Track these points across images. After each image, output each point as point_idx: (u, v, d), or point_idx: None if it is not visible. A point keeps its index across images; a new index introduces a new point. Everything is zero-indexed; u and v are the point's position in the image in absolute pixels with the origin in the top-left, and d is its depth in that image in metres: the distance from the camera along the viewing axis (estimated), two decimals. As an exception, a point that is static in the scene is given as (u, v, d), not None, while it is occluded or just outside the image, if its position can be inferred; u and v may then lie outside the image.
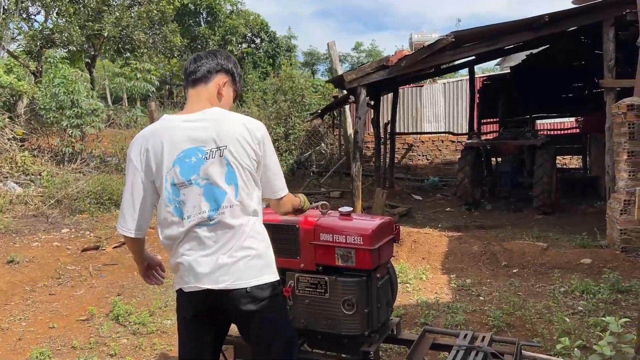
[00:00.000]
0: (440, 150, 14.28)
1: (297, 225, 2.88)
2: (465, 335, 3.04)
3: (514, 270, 5.94)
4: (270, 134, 9.44)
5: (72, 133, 12.18)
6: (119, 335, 4.35)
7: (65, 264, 6.35)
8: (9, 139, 12.07)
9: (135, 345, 4.17)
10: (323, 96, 13.59)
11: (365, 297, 2.83)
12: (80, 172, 11.75)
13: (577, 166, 14.27)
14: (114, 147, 12.41)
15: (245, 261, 2.17)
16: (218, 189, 2.19)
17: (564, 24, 7.82)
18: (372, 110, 10.45)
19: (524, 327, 4.32)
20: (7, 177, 10.97)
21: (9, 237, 7.46)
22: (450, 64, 10.41)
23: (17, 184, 10.75)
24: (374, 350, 2.82)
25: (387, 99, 14.04)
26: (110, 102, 22.51)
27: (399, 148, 13.85)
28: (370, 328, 2.87)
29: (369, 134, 13.14)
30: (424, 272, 5.89)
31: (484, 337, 3.03)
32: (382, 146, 11.39)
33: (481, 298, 5.11)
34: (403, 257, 6.58)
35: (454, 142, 13.37)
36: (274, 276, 2.27)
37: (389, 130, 11.60)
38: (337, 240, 2.79)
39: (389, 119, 11.71)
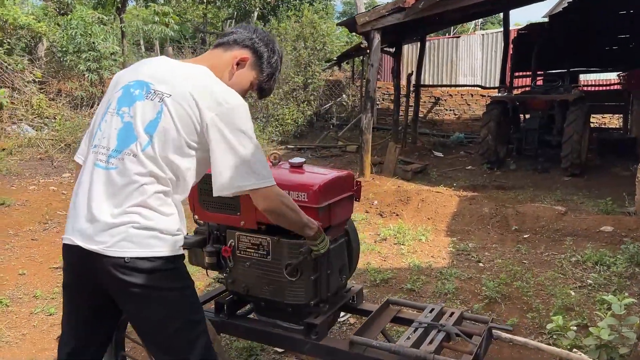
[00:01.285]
0: (469, 105, 13.49)
1: (237, 177, 2.48)
2: (432, 310, 2.64)
3: (525, 236, 5.44)
4: (288, 83, 8.98)
5: (89, 77, 12.00)
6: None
7: (55, 209, 6.19)
8: (27, 82, 11.98)
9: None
10: (349, 44, 12.91)
11: (312, 262, 2.44)
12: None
13: (617, 126, 13.29)
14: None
15: (127, 227, 1.74)
16: (133, 132, 1.81)
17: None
18: (391, 60, 9.78)
19: (520, 300, 3.89)
20: (21, 120, 10.93)
21: (8, 179, 7.37)
22: (479, 9, 9.54)
23: (30, 126, 10.69)
24: (319, 322, 2.45)
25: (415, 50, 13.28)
26: (143, 48, 22.25)
27: (425, 101, 13.16)
28: (318, 297, 2.49)
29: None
30: (424, 233, 5.46)
31: (452, 313, 2.61)
32: (404, 99, 10.77)
33: (480, 264, 4.67)
34: (407, 217, 6.15)
35: (484, 96, 12.56)
36: (167, 250, 1.79)
37: (413, 82, 10.93)
38: (280, 196, 2.38)
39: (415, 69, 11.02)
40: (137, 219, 1.75)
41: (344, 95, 12.41)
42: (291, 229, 2.15)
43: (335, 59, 10.16)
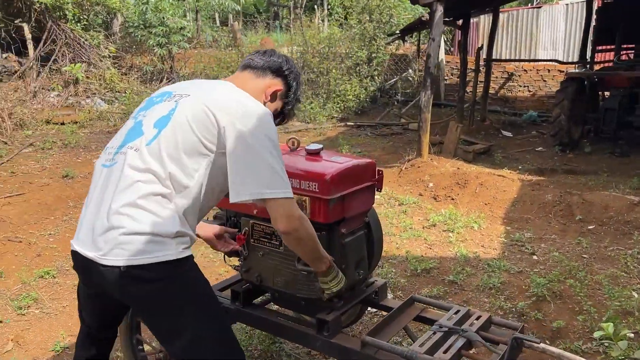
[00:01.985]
0: (545, 81, 12.60)
1: (249, 163, 2.37)
2: (457, 312, 2.43)
3: (590, 227, 5.00)
4: (352, 57, 8.72)
5: (158, 52, 12.32)
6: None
7: (114, 183, 6.39)
8: (102, 57, 12.48)
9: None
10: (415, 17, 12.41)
11: (325, 255, 2.30)
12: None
13: None
14: (195, 67, 12.40)
15: (117, 233, 1.65)
16: (141, 128, 1.77)
17: None
18: (459, 33, 9.25)
19: (572, 300, 3.56)
20: (94, 94, 11.42)
21: (75, 151, 7.71)
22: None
23: (102, 100, 11.15)
24: (331, 318, 2.32)
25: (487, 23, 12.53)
26: (217, 22, 22.60)
27: (497, 77, 12.45)
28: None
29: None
30: (477, 220, 5.16)
31: (479, 317, 2.40)
32: (473, 74, 10.21)
33: (534, 257, 4.34)
34: (463, 201, 5.84)
35: (562, 72, 11.68)
36: (165, 254, 1.67)
37: (483, 56, 10.32)
38: (292, 185, 2.25)
39: (487, 43, 10.39)
40: (126, 222, 1.65)
41: (409, 70, 11.98)
42: (303, 257, 1.99)
43: (398, 32, 9.76)
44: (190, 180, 1.72)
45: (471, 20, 11.08)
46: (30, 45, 11.95)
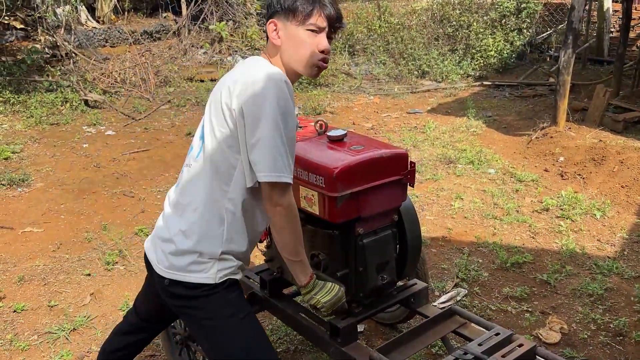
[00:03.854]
0: None
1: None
2: (497, 334, 2.05)
3: None
4: (497, 9, 7.91)
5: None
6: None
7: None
8: (247, 14, 12.90)
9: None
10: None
11: (339, 256, 2.08)
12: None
13: None
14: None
15: (169, 246, 1.72)
16: (195, 142, 1.75)
17: None
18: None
19: (694, 323, 2.86)
20: (236, 51, 11.90)
21: (200, 109, 8.12)
22: None
23: (242, 57, 11.57)
24: (343, 325, 2.10)
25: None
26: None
27: (678, 28, 10.37)
28: (349, 296, 2.13)
29: (636, 9, 10.08)
30: (602, 206, 4.39)
31: (521, 345, 1.99)
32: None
33: (662, 261, 3.57)
34: (594, 182, 5.02)
35: None
36: (206, 277, 1.67)
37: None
38: (301, 177, 2.04)
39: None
40: (178, 239, 1.68)
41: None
42: (281, 253, 1.73)
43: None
44: (231, 175, 1.64)
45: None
46: (183, 4, 12.76)
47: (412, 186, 2.15)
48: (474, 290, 3.29)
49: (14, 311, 3.18)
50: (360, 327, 2.93)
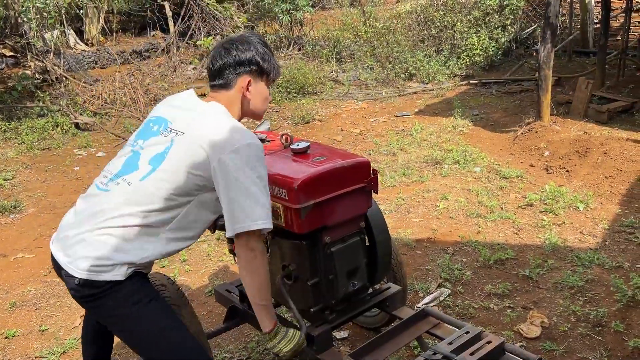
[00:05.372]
0: None
1: (234, 165, 2.24)
2: (467, 332, 2.10)
3: None
4: (479, 7, 7.99)
5: (282, 19, 12.46)
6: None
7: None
8: (234, 27, 13.02)
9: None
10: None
11: (308, 265, 2.13)
12: (291, 59, 12.09)
13: None
14: (319, 31, 12.33)
15: (84, 245, 1.77)
16: (138, 162, 1.84)
17: None
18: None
19: (672, 310, 2.90)
20: (225, 65, 11.98)
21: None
22: None
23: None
24: (317, 333, 2.15)
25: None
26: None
27: (661, 15, 10.42)
28: (322, 303, 2.19)
29: (617, -1, 10.14)
30: (585, 198, 4.43)
31: (489, 342, 2.04)
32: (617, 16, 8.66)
33: (644, 249, 3.62)
34: (579, 174, 5.06)
35: None
36: (115, 274, 1.75)
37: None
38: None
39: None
40: (99, 244, 1.75)
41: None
42: (249, 296, 1.86)
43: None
44: (178, 214, 1.79)
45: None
46: (170, 22, 12.88)
47: (376, 192, 2.20)
48: (457, 290, 3.33)
49: (6, 337, 3.23)
50: (345, 334, 2.98)
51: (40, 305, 3.59)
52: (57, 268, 1.86)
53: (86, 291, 1.76)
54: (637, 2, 8.53)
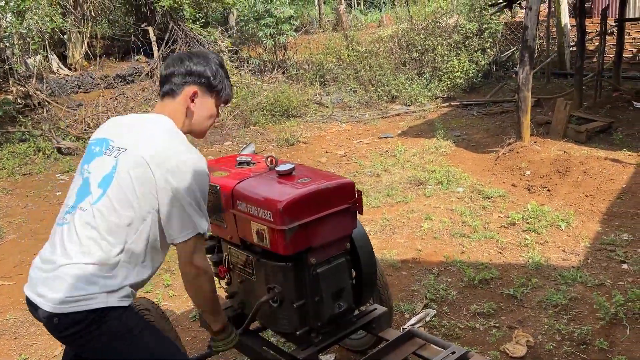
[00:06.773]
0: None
1: (218, 187, 2.25)
2: (453, 353, 2.10)
3: None
4: (459, 31, 8.17)
5: (266, 43, 12.60)
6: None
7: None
8: (219, 52, 13.09)
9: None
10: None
11: (294, 287, 2.13)
12: (275, 82, 12.18)
13: None
14: (302, 54, 12.46)
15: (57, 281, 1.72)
16: (89, 188, 1.80)
17: None
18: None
19: (654, 326, 2.94)
20: (209, 89, 12.03)
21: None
22: None
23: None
24: (303, 357, 2.13)
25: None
26: (343, 7, 22.54)
27: (634, 39, 10.74)
28: (308, 326, 2.18)
29: (592, 22, 10.43)
30: (566, 217, 4.49)
31: (474, 362, 2.04)
32: (611, 39, 8.91)
33: (624, 266, 3.67)
34: (560, 193, 5.14)
35: None
36: (95, 303, 1.68)
37: (614, 17, 8.97)
38: (251, 212, 2.10)
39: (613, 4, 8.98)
40: (68, 278, 1.69)
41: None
42: (196, 307, 1.91)
43: (502, 0, 8.79)
44: (135, 236, 1.74)
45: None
46: (154, 47, 12.92)
47: (361, 213, 2.22)
48: (443, 310, 3.34)
49: (-16, 367, 3.16)
50: (331, 357, 2.96)
51: (19, 334, 3.52)
52: (33, 309, 1.80)
53: (69, 328, 1.70)
54: (610, 25, 8.77)
